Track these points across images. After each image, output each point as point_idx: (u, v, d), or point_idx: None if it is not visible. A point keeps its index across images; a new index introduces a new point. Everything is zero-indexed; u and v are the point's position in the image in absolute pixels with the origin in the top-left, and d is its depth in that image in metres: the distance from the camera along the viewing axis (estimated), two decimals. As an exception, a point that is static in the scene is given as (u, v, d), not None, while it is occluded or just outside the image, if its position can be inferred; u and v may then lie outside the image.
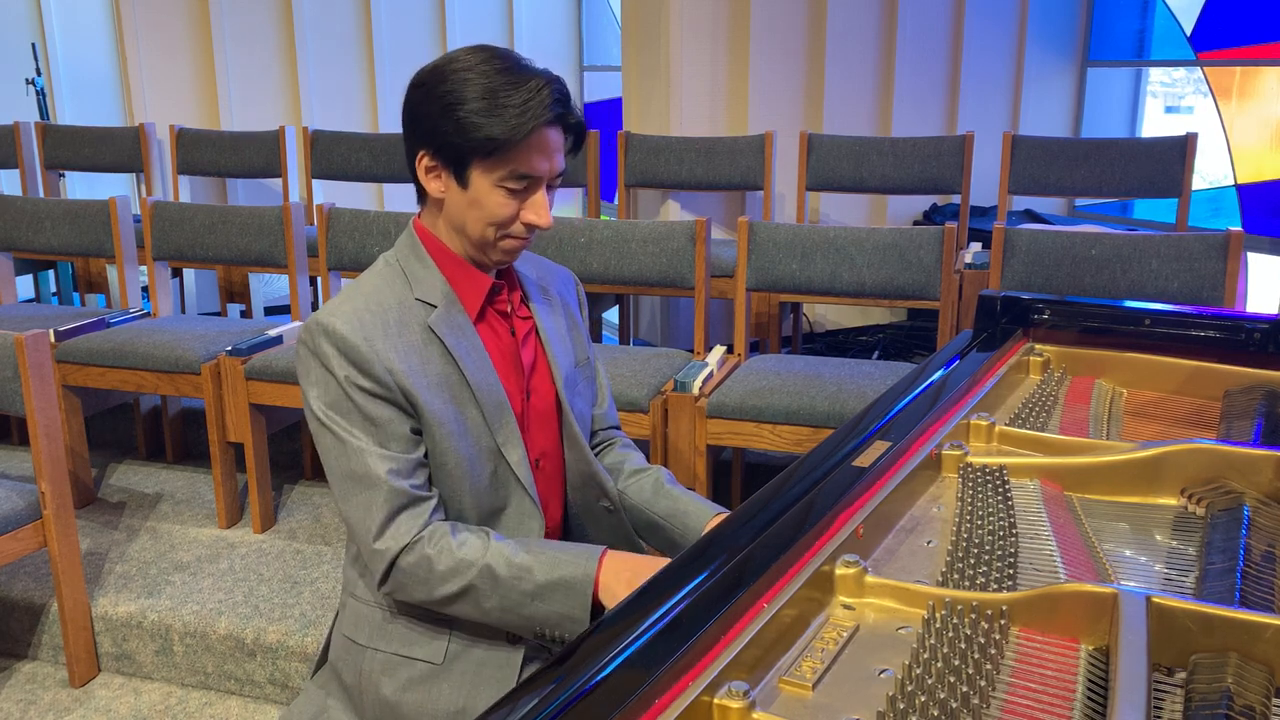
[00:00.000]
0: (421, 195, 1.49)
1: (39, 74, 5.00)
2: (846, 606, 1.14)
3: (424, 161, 1.42)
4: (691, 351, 3.01)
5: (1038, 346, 1.95)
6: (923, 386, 1.68)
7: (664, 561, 1.38)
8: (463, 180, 1.41)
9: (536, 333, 1.58)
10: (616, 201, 4.38)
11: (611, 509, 1.63)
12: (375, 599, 1.50)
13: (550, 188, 1.45)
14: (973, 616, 1.07)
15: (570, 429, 1.58)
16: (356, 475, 1.40)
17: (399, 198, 5.25)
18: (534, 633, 1.43)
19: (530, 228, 1.44)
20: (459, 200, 1.43)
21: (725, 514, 1.58)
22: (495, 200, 1.41)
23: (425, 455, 1.45)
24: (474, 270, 1.50)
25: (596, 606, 1.39)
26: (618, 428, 1.78)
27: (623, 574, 1.39)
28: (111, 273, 4.09)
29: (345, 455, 1.41)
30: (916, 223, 4.45)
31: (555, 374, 1.57)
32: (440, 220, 1.48)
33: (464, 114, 1.36)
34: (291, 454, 3.54)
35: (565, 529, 1.66)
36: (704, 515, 1.58)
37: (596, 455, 1.70)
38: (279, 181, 4.63)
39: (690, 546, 1.20)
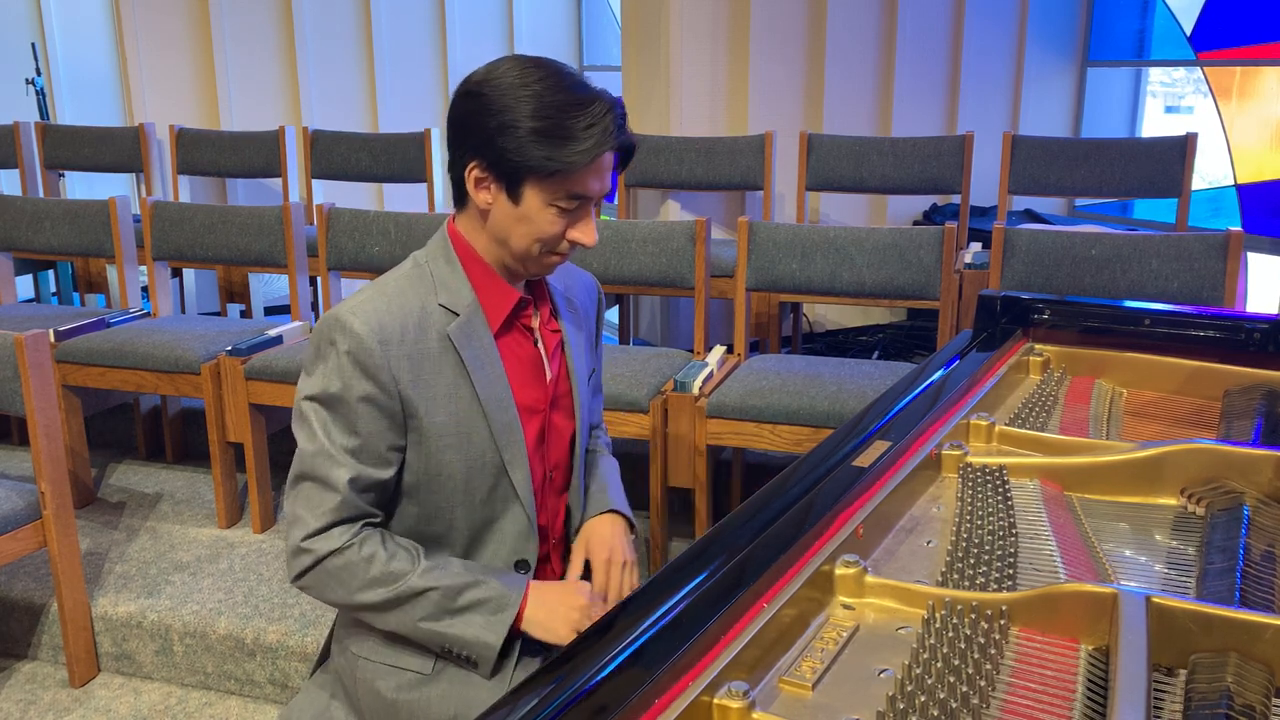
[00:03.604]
0: (460, 199, 1.47)
1: (39, 74, 5.00)
2: (846, 606, 1.14)
3: (474, 173, 1.40)
4: (691, 351, 3.01)
5: (1038, 346, 1.95)
6: (923, 386, 1.68)
7: (585, 587, 1.45)
8: (515, 196, 1.39)
9: (563, 347, 1.58)
10: (616, 201, 4.38)
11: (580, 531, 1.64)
12: None
13: (596, 205, 1.45)
14: (973, 616, 1.07)
15: (580, 446, 1.60)
16: (317, 474, 1.41)
17: (399, 198, 5.25)
18: (441, 649, 1.44)
19: (573, 245, 1.44)
20: (507, 214, 1.41)
21: (602, 517, 1.61)
22: (546, 218, 1.40)
23: (394, 477, 1.45)
24: (502, 282, 1.49)
25: (515, 635, 1.42)
26: (599, 424, 1.81)
27: (547, 605, 1.42)
28: (111, 273, 4.09)
29: (313, 452, 1.41)
30: (916, 223, 4.45)
31: (576, 392, 1.58)
32: (480, 228, 1.46)
33: (524, 133, 1.34)
34: (291, 454, 3.52)
35: (566, 539, 1.66)
36: (599, 506, 1.63)
37: None
38: (279, 181, 4.63)
39: (690, 546, 1.20)
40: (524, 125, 1.34)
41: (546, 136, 1.34)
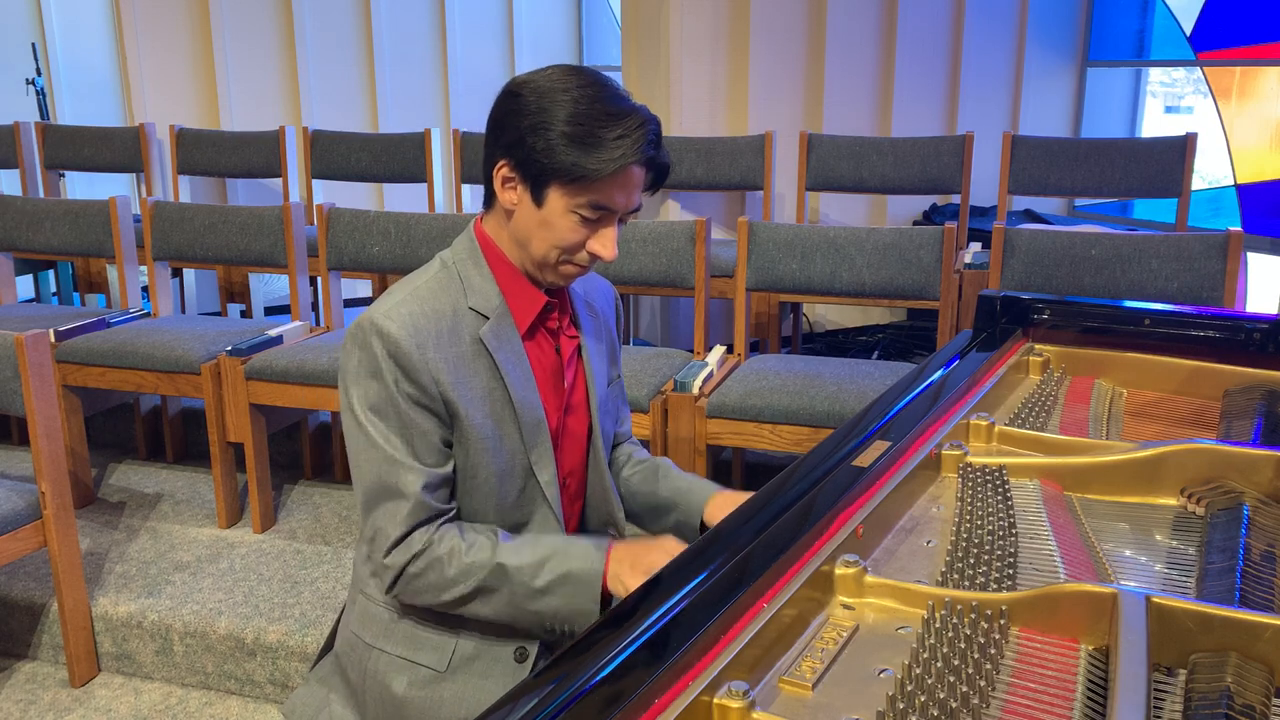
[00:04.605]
0: (489, 199, 1.47)
1: (39, 74, 5.00)
2: (846, 606, 1.14)
3: (502, 171, 1.40)
4: (691, 351, 3.01)
5: (1037, 346, 1.95)
6: (923, 386, 1.68)
7: (666, 543, 1.42)
8: (538, 199, 1.39)
9: (580, 353, 1.58)
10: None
11: (616, 537, 1.63)
12: (384, 600, 1.50)
13: (621, 221, 1.44)
14: (973, 616, 1.07)
15: (597, 452, 1.59)
16: (387, 484, 1.40)
17: (399, 198, 5.25)
18: (543, 628, 1.43)
19: (594, 257, 1.43)
20: (530, 217, 1.41)
21: (724, 491, 1.62)
22: (566, 225, 1.39)
23: (453, 470, 1.45)
24: (529, 285, 1.49)
25: (606, 596, 1.40)
26: (631, 438, 1.80)
27: (630, 561, 1.40)
28: (111, 273, 4.09)
29: (378, 461, 1.40)
30: (916, 223, 4.45)
31: (592, 397, 1.58)
32: (505, 230, 1.46)
33: (555, 136, 1.34)
34: (291, 454, 3.54)
35: None
36: (705, 492, 1.61)
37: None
38: (279, 181, 4.63)
39: (694, 542, 1.20)
40: (556, 128, 1.34)
41: (575, 141, 1.34)
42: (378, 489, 1.41)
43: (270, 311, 4.83)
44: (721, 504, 1.60)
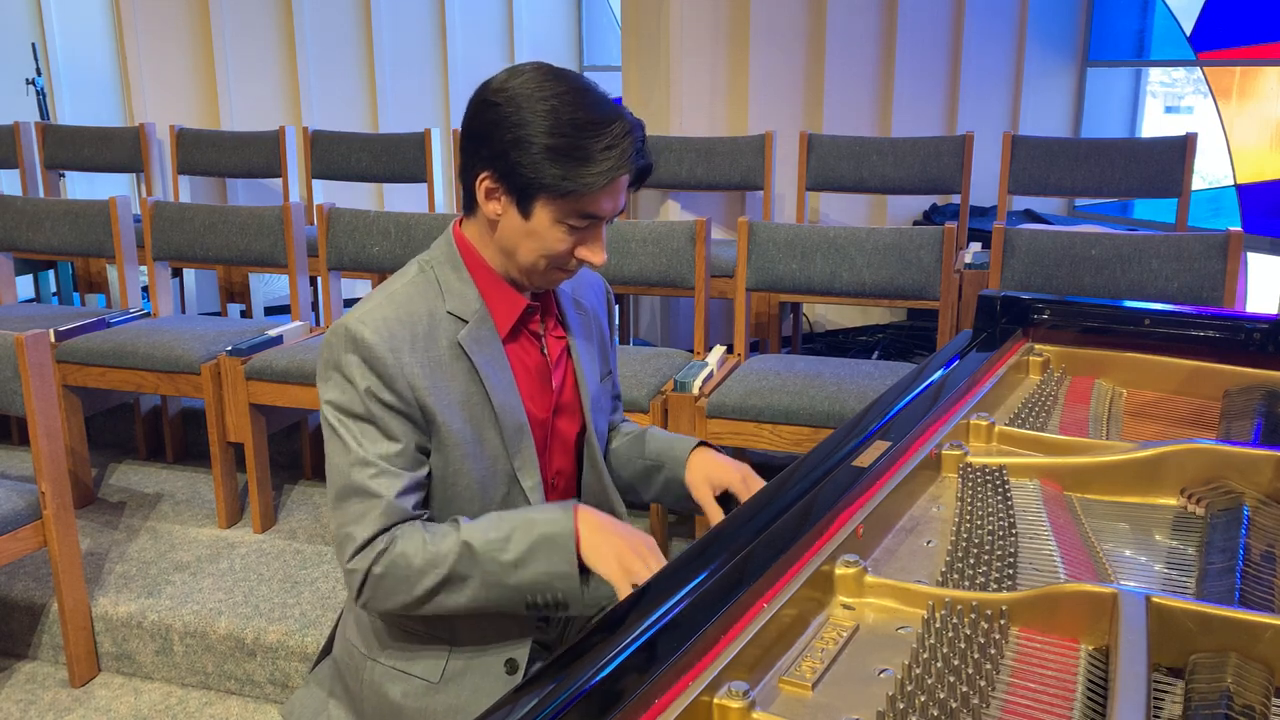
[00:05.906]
0: (469, 205, 1.45)
1: (39, 74, 4.99)
2: (846, 606, 1.14)
3: (485, 183, 1.38)
4: (691, 351, 3.01)
5: (1037, 346, 1.95)
6: (923, 386, 1.68)
7: (635, 534, 1.39)
8: (525, 211, 1.37)
9: (569, 353, 1.56)
10: (616, 202, 4.37)
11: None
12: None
13: (607, 223, 1.43)
14: (973, 616, 1.07)
15: (591, 451, 1.58)
16: (357, 486, 1.38)
17: (399, 198, 5.25)
18: (526, 603, 1.39)
19: (583, 263, 1.42)
20: (516, 227, 1.39)
21: (705, 448, 1.62)
22: (555, 235, 1.38)
23: (427, 476, 1.44)
24: (510, 289, 1.47)
25: (580, 559, 1.36)
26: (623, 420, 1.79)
27: (598, 524, 1.37)
28: (111, 273, 4.09)
29: (350, 464, 1.39)
30: (916, 223, 4.45)
31: (584, 397, 1.56)
32: (487, 236, 1.44)
33: (539, 151, 1.31)
34: (291, 454, 3.54)
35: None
36: (687, 445, 1.62)
37: None
38: (279, 181, 4.63)
39: (690, 546, 1.20)
40: (539, 142, 1.31)
41: (562, 155, 1.31)
42: (348, 490, 1.39)
43: (270, 311, 4.83)
44: (700, 461, 1.60)
